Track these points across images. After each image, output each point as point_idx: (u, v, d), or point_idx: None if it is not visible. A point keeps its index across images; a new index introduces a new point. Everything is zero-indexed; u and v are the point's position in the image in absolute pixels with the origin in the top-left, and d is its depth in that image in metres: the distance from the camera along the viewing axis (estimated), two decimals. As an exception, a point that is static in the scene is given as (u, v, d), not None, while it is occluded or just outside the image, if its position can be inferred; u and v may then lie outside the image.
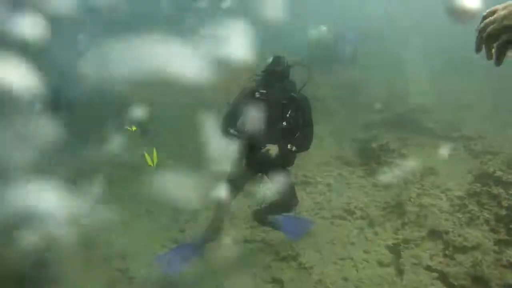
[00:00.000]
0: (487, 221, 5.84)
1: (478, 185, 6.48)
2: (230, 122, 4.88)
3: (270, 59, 4.79)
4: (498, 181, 6.44)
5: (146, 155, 9.18)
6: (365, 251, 5.69)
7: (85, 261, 6.18)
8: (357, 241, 5.90)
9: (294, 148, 4.72)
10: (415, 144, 8.52)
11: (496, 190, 6.24)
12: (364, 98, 10.84)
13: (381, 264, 5.46)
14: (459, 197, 6.45)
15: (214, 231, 5.55)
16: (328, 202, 6.89)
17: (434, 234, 5.71)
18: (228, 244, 6.23)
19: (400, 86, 11.19)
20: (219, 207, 5.45)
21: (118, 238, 6.70)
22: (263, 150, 4.62)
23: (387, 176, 7.37)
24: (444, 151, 8.23)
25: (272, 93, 4.65)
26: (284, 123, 4.69)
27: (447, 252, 5.41)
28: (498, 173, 6.57)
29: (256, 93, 4.69)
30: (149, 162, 9.12)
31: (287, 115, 4.71)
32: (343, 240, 5.94)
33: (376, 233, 6.03)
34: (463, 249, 5.39)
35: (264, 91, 4.64)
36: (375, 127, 8.88)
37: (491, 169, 6.68)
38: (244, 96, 4.84)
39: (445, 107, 10.19)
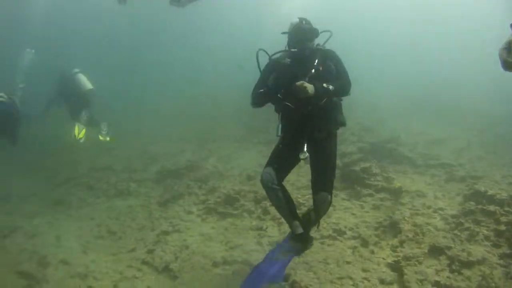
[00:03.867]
0: (487, 237, 5.50)
1: (472, 203, 6.19)
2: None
3: (296, 19, 4.44)
4: (492, 200, 6.18)
5: (76, 128, 9.01)
6: (364, 270, 5.17)
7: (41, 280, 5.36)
8: (353, 260, 5.37)
9: (331, 87, 4.13)
10: (396, 170, 8.23)
11: (491, 207, 5.97)
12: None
13: (383, 282, 4.94)
14: (453, 216, 6.11)
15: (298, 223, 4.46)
16: (315, 223, 6.37)
17: (436, 250, 5.28)
18: (206, 268, 5.57)
19: (371, 119, 11.14)
20: (274, 197, 4.42)
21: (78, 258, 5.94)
22: (298, 84, 3.99)
23: (374, 198, 6.99)
24: (427, 176, 8.00)
25: (299, 50, 4.32)
26: (313, 71, 4.24)
27: (453, 267, 4.98)
28: (490, 192, 6.32)
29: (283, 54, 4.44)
30: (76, 134, 8.96)
31: (314, 63, 4.29)
32: (337, 259, 5.40)
33: (372, 252, 5.54)
34: (469, 264, 4.98)
35: (295, 49, 4.32)
36: (353, 155, 8.55)
37: (483, 189, 6.43)
38: (271, 60, 4.48)
39: (419, 140, 10.14)
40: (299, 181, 7.67)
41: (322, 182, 4.34)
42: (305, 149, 4.29)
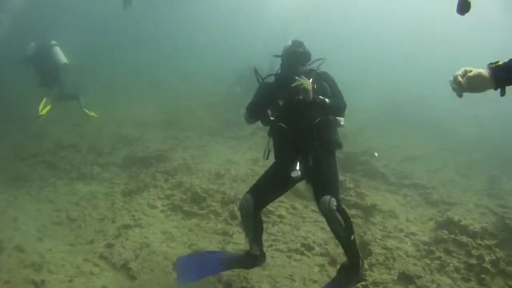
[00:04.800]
0: (457, 269, 5.38)
1: (445, 231, 6.06)
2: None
3: (289, 42, 4.34)
4: (465, 230, 6.07)
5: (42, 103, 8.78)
6: (330, 291, 4.95)
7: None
8: (319, 279, 5.15)
9: (327, 100, 4.00)
10: (369, 186, 8.09)
11: (464, 238, 5.86)
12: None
13: (350, 306, 4.74)
14: (425, 243, 5.98)
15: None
16: (283, 234, 6.13)
17: (405, 278, 5.11)
18: (166, 271, 5.25)
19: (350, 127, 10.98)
20: (244, 223, 4.40)
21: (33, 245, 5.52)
22: (295, 83, 3.90)
23: (345, 213, 6.79)
24: (399, 195, 7.88)
25: (291, 74, 4.16)
26: None
27: (423, 298, 4.84)
28: (464, 222, 6.22)
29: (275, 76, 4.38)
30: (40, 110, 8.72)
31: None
32: (304, 276, 5.18)
33: (340, 272, 5.32)
34: (439, 296, 4.85)
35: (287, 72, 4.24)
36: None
37: (456, 218, 6.32)
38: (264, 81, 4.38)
39: (393, 155, 10.07)
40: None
41: (323, 186, 3.98)
42: (297, 167, 3.98)
